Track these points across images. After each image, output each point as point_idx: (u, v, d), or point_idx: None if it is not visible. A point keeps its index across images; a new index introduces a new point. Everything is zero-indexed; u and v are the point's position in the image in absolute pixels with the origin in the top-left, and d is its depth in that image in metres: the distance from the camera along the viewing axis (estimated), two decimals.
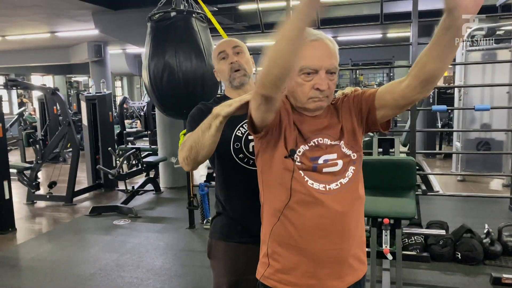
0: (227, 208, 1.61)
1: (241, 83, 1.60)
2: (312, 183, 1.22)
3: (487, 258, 3.42)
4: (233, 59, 1.60)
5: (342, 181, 1.24)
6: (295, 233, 1.23)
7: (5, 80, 5.91)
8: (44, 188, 5.95)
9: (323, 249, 1.22)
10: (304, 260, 1.23)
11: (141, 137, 9.58)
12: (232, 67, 1.59)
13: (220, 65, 1.63)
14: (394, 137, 3.68)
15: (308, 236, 1.22)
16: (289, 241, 1.24)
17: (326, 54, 1.22)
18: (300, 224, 1.22)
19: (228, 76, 1.61)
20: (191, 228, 4.56)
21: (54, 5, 6.54)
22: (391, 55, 12.02)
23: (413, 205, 2.77)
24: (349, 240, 1.25)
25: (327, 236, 1.22)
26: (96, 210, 5.21)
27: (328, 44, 1.23)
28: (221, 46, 1.64)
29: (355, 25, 6.23)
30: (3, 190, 4.55)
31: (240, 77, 1.60)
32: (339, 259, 1.24)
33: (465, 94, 6.08)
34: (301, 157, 1.24)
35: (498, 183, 6.09)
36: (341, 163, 1.25)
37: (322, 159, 1.24)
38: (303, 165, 1.23)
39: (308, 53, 1.21)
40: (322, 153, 1.25)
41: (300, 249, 1.23)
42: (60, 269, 3.65)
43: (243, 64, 1.60)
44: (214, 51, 1.67)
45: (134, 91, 20.01)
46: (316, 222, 1.21)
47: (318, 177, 1.23)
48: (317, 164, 1.23)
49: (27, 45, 11.38)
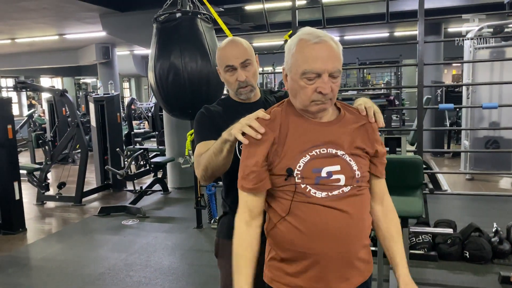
0: (234, 209, 1.62)
1: (247, 98, 1.62)
2: (315, 192, 1.21)
3: (495, 257, 3.39)
4: (242, 78, 1.57)
5: (344, 189, 1.23)
6: (300, 237, 1.22)
7: (14, 83, 5.98)
8: (54, 189, 6.02)
9: (329, 252, 1.21)
10: (311, 263, 1.23)
11: (148, 137, 9.64)
12: (240, 84, 1.58)
13: (227, 77, 1.61)
14: (401, 136, 3.67)
15: (313, 240, 1.21)
16: (294, 245, 1.24)
17: (329, 57, 1.20)
18: (304, 228, 1.21)
19: (235, 90, 1.61)
20: (199, 228, 4.58)
21: (62, 8, 6.61)
22: (398, 53, 11.96)
23: (420, 204, 2.76)
24: (354, 243, 1.25)
25: (333, 240, 1.21)
26: (104, 210, 5.26)
27: (331, 46, 1.21)
28: (230, 58, 1.58)
29: (361, 24, 6.22)
30: (14, 191, 4.62)
31: (247, 93, 1.60)
32: (346, 262, 1.24)
33: (473, 92, 6.04)
34: (302, 171, 1.21)
35: (507, 181, 6.02)
36: (343, 179, 1.22)
37: (325, 171, 1.21)
38: (304, 180, 1.21)
39: (311, 57, 1.19)
40: (324, 164, 1.22)
41: (306, 253, 1.23)
42: (70, 268, 3.70)
43: (250, 80, 1.59)
44: (221, 59, 1.61)
45: (141, 92, 20.13)
46: (320, 226, 1.20)
47: (320, 187, 1.21)
48: (320, 178, 1.21)
49: (36, 48, 11.50)
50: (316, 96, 1.21)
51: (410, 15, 5.03)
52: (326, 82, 1.20)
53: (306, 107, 1.24)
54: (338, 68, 1.21)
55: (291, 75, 1.25)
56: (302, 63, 1.21)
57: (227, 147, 1.36)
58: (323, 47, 1.20)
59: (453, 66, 15.75)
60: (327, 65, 1.19)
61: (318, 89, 1.20)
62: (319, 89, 1.20)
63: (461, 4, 6.90)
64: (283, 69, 1.31)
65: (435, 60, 8.44)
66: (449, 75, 15.98)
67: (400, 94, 11.53)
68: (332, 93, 1.22)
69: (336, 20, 7.40)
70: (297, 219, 1.22)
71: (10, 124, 4.60)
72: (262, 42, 10.77)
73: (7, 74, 14.77)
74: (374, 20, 4.87)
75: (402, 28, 10.56)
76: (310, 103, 1.22)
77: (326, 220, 1.20)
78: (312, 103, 1.22)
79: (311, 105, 1.23)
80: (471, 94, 6.05)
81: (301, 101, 1.24)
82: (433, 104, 6.83)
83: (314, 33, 1.22)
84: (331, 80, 1.21)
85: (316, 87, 1.20)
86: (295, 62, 1.23)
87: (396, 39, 11.77)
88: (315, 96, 1.21)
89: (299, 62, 1.22)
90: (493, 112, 5.95)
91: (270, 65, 12.60)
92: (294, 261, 1.25)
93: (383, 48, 11.21)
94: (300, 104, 1.25)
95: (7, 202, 4.60)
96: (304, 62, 1.20)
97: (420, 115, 4.16)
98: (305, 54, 1.21)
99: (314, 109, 1.24)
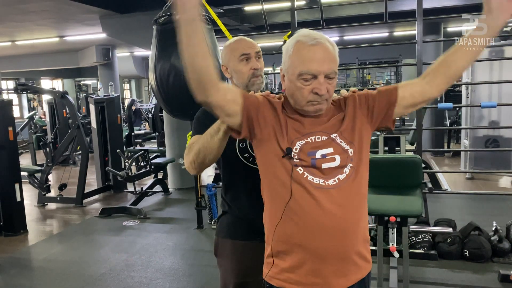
0: (233, 207, 1.64)
1: (258, 89, 1.61)
2: (312, 178, 1.23)
3: (495, 255, 3.41)
4: (257, 66, 1.60)
5: (340, 176, 1.25)
6: (298, 231, 1.24)
7: (15, 85, 6.00)
8: (55, 190, 6.04)
9: (326, 246, 1.23)
10: (308, 258, 1.24)
11: (149, 139, 9.65)
12: (255, 73, 1.59)
13: (240, 66, 1.59)
14: (400, 136, 3.68)
15: (310, 233, 1.23)
16: (292, 239, 1.25)
17: (325, 58, 1.23)
18: (302, 222, 1.23)
19: (248, 80, 1.60)
20: (199, 228, 4.59)
21: (62, 9, 6.62)
22: (398, 53, 11.96)
23: (419, 203, 2.77)
24: (351, 237, 1.26)
25: (329, 233, 1.22)
26: (105, 211, 5.27)
27: (327, 48, 1.24)
28: (245, 47, 1.60)
29: (361, 24, 6.23)
30: (15, 193, 4.63)
31: (259, 84, 1.61)
32: (343, 256, 1.25)
33: (472, 91, 6.05)
34: (298, 153, 1.25)
35: (507, 180, 6.04)
36: (339, 159, 1.26)
37: (320, 153, 1.25)
38: (302, 162, 1.25)
39: (307, 58, 1.23)
40: (318, 148, 1.26)
41: (303, 247, 1.24)
42: (71, 269, 3.71)
43: (262, 72, 1.62)
44: (234, 50, 1.61)
45: (142, 93, 20.14)
46: (317, 219, 1.22)
47: (317, 173, 1.24)
48: (315, 159, 1.25)
49: (36, 50, 11.52)
50: (312, 97, 1.24)
51: (408, 15, 5.04)
52: (322, 83, 1.23)
53: (302, 107, 1.28)
54: (333, 69, 1.25)
55: (288, 76, 1.29)
56: (298, 64, 1.24)
57: (224, 126, 1.35)
58: (319, 49, 1.24)
59: None
60: (323, 66, 1.23)
61: (314, 90, 1.23)
62: (315, 90, 1.23)
63: (460, 3, 6.91)
64: (280, 70, 1.34)
65: (435, 59, 8.34)
66: None
67: None
68: (328, 94, 1.25)
69: (335, 20, 7.41)
70: (293, 212, 1.24)
71: (11, 126, 4.62)
72: (262, 42, 10.77)
73: (7, 76, 14.78)
74: (373, 20, 4.89)
75: (402, 28, 10.55)
76: (306, 103, 1.26)
77: (323, 213, 1.22)
78: (308, 103, 1.26)
79: (307, 105, 1.26)
80: (471, 93, 6.06)
81: (298, 101, 1.27)
82: (432, 103, 6.84)
83: (311, 35, 1.25)
84: (327, 81, 1.24)
85: (312, 88, 1.23)
86: (292, 63, 1.26)
87: (395, 39, 11.77)
88: (311, 97, 1.25)
89: (295, 64, 1.25)
90: (493, 111, 5.96)
91: (270, 66, 12.61)
92: (289, 254, 1.26)
93: (382, 48, 11.21)
94: (296, 104, 1.29)
95: (8, 203, 4.62)
96: (300, 64, 1.24)
97: (419, 115, 4.17)
98: (301, 55, 1.24)
99: (310, 109, 1.27)
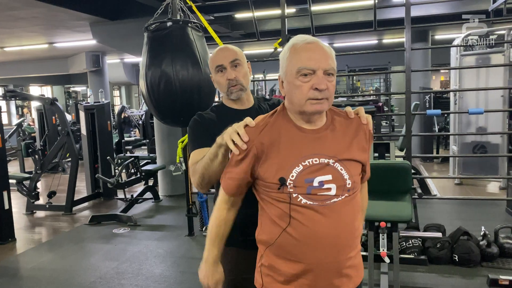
0: None
1: (238, 97, 1.65)
2: (306, 202, 1.22)
3: (484, 260, 3.44)
4: (231, 76, 1.62)
5: (335, 200, 1.24)
6: (293, 246, 1.24)
7: (3, 91, 5.95)
8: (44, 198, 5.97)
9: (320, 261, 1.23)
10: (302, 272, 1.24)
11: (139, 145, 9.60)
12: (230, 83, 1.63)
13: (218, 78, 1.66)
14: (390, 142, 3.72)
15: (305, 249, 1.23)
16: (287, 254, 1.25)
17: (322, 55, 1.23)
18: (297, 237, 1.23)
19: (226, 90, 1.65)
20: (191, 235, 4.57)
21: (52, 16, 6.60)
22: (387, 60, 12.09)
23: (409, 209, 2.80)
24: (345, 251, 1.26)
25: (324, 249, 1.23)
26: (95, 219, 5.23)
27: (324, 47, 1.25)
28: (219, 59, 1.65)
29: (350, 32, 6.30)
30: (3, 201, 4.57)
31: (237, 92, 1.64)
32: (337, 270, 1.26)
33: (460, 98, 6.13)
34: (295, 181, 1.23)
35: (495, 185, 6.12)
36: (334, 189, 1.24)
37: (317, 181, 1.23)
38: (297, 189, 1.23)
39: (304, 55, 1.22)
40: (316, 174, 1.23)
41: (298, 262, 1.24)
42: (61, 278, 3.67)
43: (240, 79, 1.64)
44: (212, 62, 1.68)
45: (132, 100, 20.06)
46: (312, 236, 1.22)
47: (311, 198, 1.23)
48: (312, 187, 1.22)
49: (26, 56, 11.45)
50: (312, 94, 1.21)
51: (397, 23, 5.12)
52: (321, 78, 1.21)
53: (302, 107, 1.24)
54: (332, 66, 1.23)
55: (287, 79, 1.26)
56: (296, 62, 1.23)
57: (221, 151, 1.37)
58: (316, 47, 1.24)
59: (442, 72, 15.95)
60: (321, 61, 1.22)
61: (314, 85, 1.21)
62: (315, 85, 1.21)
63: (447, 12, 7.03)
64: (279, 77, 1.32)
65: (423, 66, 8.57)
66: (437, 81, 16.18)
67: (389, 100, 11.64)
68: (328, 92, 1.23)
69: (325, 28, 7.50)
70: (291, 227, 1.23)
71: None
72: (253, 50, 10.82)
73: None
74: (362, 27, 4.95)
75: (390, 35, 10.71)
76: (306, 101, 1.22)
77: (319, 228, 1.22)
78: (308, 102, 1.22)
79: (307, 104, 1.23)
80: (458, 100, 6.14)
81: (298, 101, 1.24)
82: (421, 110, 6.92)
83: (306, 38, 1.26)
84: (326, 78, 1.22)
85: (312, 84, 1.21)
86: (290, 63, 1.25)
87: (384, 47, 11.92)
88: (311, 94, 1.22)
89: (293, 62, 1.24)
90: (480, 117, 6.04)
91: (261, 73, 12.67)
92: (286, 268, 1.26)
93: (372, 55, 11.32)
94: (296, 105, 1.25)
95: None
96: (298, 61, 1.22)
97: (408, 121, 4.22)
98: (299, 54, 1.23)
99: (310, 108, 1.23)
